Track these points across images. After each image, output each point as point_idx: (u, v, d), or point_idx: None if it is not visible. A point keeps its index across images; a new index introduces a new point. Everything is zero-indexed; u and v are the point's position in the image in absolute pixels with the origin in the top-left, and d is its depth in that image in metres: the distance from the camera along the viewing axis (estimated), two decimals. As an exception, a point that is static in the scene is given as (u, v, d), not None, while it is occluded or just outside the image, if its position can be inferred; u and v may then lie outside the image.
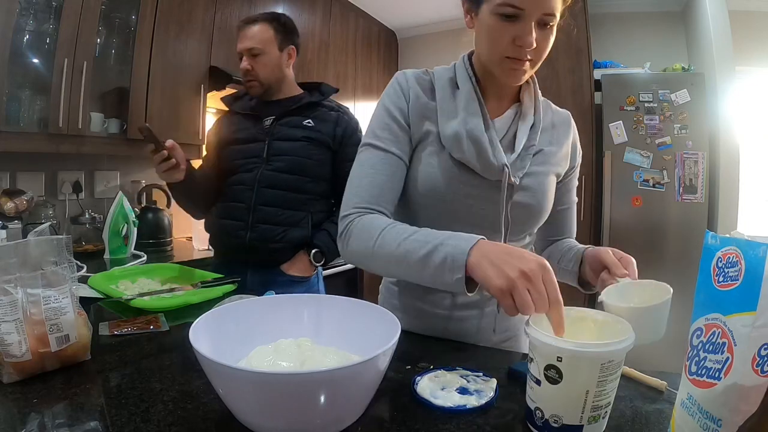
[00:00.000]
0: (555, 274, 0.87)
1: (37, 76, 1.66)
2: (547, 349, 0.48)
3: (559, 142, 0.86)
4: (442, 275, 0.63)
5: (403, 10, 3.38)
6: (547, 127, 0.85)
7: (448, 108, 0.79)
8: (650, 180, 2.56)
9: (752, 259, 0.38)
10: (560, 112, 0.90)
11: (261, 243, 1.35)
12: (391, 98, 0.81)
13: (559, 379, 0.48)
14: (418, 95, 0.81)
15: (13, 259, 0.62)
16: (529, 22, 0.68)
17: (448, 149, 0.78)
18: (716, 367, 0.40)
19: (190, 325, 0.53)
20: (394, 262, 0.69)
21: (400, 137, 0.80)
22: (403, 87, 0.81)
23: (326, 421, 0.49)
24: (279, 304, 0.68)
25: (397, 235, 0.69)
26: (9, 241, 1.38)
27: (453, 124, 0.77)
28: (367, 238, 0.72)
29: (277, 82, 1.42)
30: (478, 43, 0.79)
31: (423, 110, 0.80)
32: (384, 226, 0.72)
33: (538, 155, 0.82)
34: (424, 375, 0.63)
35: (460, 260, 0.61)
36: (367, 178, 0.78)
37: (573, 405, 0.48)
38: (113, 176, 2.18)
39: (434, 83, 0.82)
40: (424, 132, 0.80)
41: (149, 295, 0.97)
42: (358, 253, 0.75)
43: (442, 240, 0.65)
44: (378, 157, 0.79)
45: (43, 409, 0.55)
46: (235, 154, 1.41)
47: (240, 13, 2.30)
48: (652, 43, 2.98)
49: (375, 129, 0.81)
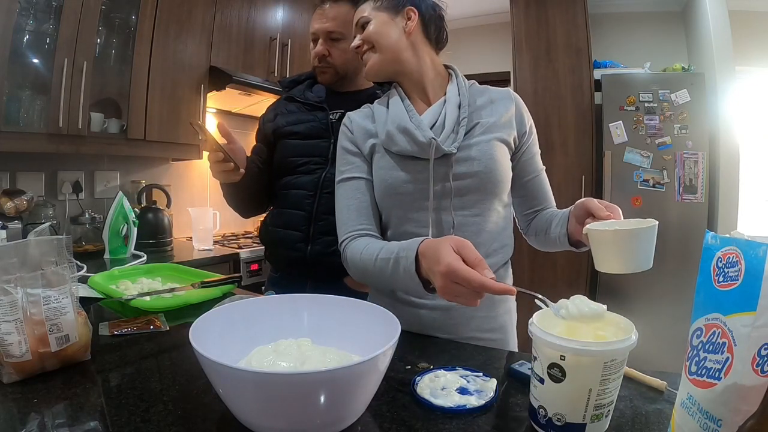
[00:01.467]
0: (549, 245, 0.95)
1: (37, 76, 1.66)
2: (551, 348, 0.49)
3: (498, 112, 0.90)
4: (408, 284, 0.74)
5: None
6: (484, 104, 0.91)
7: (380, 118, 0.92)
8: (650, 180, 2.56)
9: (752, 259, 0.38)
10: (500, 90, 0.95)
11: (324, 257, 1.14)
12: (341, 140, 0.96)
13: (563, 378, 0.48)
14: (359, 124, 0.94)
15: (13, 259, 0.62)
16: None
17: (386, 147, 0.89)
18: (716, 367, 0.40)
19: (190, 325, 0.53)
20: (376, 280, 0.83)
21: (357, 162, 0.93)
22: (347, 125, 0.96)
23: (326, 421, 0.49)
24: (279, 304, 0.68)
25: (370, 257, 0.81)
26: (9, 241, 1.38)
27: (386, 126, 0.89)
28: (355, 265, 0.86)
29: (355, 72, 1.20)
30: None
31: (365, 133, 0.93)
32: (361, 249, 0.84)
33: (477, 127, 0.88)
34: (424, 375, 0.63)
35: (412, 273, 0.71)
36: (344, 209, 0.91)
37: (576, 403, 0.49)
38: (113, 176, 2.18)
39: (373, 110, 0.95)
40: (370, 147, 0.92)
41: (149, 295, 0.96)
42: (357, 277, 0.89)
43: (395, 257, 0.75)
44: (346, 187, 0.92)
45: (43, 409, 0.55)
46: (291, 151, 1.20)
47: (240, 13, 2.30)
48: (652, 43, 2.97)
49: (338, 168, 0.95)
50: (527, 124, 0.93)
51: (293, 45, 2.58)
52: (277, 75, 2.50)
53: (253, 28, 2.37)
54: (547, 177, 0.97)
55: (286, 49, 2.54)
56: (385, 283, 0.81)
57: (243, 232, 2.70)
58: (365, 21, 0.90)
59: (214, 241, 2.20)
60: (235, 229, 2.73)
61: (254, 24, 2.38)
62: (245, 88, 2.21)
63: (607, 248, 0.68)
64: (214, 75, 2.17)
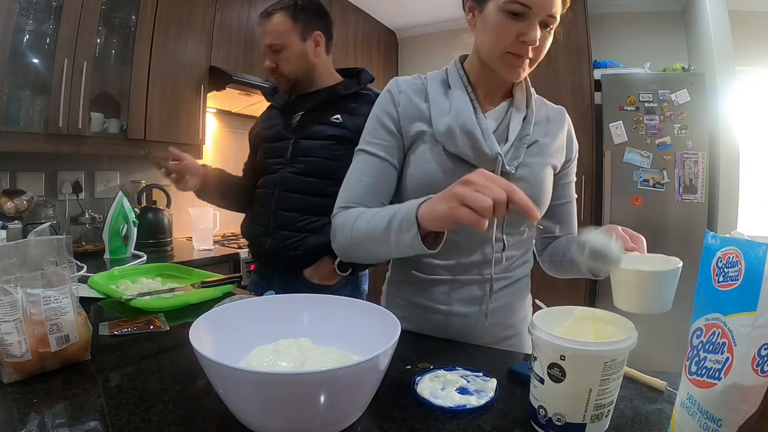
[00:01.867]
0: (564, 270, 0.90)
1: (37, 76, 1.66)
2: (551, 348, 0.49)
3: (554, 134, 0.87)
4: (402, 237, 0.67)
5: (403, 10, 3.37)
6: (541, 120, 0.86)
7: (440, 106, 0.82)
8: (650, 180, 2.56)
9: (752, 259, 0.38)
10: (555, 107, 0.92)
11: (280, 250, 1.25)
12: (382, 106, 0.86)
13: (563, 378, 0.48)
14: (410, 99, 0.84)
15: (13, 259, 0.62)
16: (535, 21, 0.73)
17: (442, 143, 0.81)
18: (716, 367, 0.40)
19: (190, 325, 0.53)
20: (368, 240, 0.74)
21: (389, 142, 0.83)
22: (393, 94, 0.85)
23: (326, 421, 0.49)
24: (279, 304, 0.68)
25: (367, 217, 0.75)
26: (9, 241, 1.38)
27: (445, 119, 0.80)
28: (346, 228, 0.78)
29: (306, 74, 1.27)
30: (480, 39, 0.80)
31: (414, 113, 0.83)
32: (357, 213, 0.77)
33: (533, 146, 0.83)
34: (424, 375, 0.63)
35: (410, 217, 0.66)
36: (353, 180, 0.83)
37: (576, 403, 0.49)
38: (113, 176, 2.18)
39: (426, 86, 0.85)
40: (417, 132, 0.83)
41: (149, 295, 0.96)
42: (342, 245, 0.80)
43: (398, 208, 0.70)
44: (366, 161, 0.83)
45: (43, 409, 0.55)
46: (264, 153, 1.33)
47: (240, 13, 2.30)
48: (652, 43, 2.97)
49: (366, 136, 0.86)
50: (574, 151, 0.92)
51: (293, 45, 2.58)
52: (277, 75, 2.50)
53: (253, 28, 2.37)
54: (576, 206, 0.96)
55: (286, 49, 2.54)
56: (373, 244, 0.74)
57: (243, 232, 2.70)
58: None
59: (214, 241, 2.20)
60: (235, 229, 2.72)
61: (254, 24, 2.38)
62: (245, 88, 2.21)
63: (629, 288, 0.65)
64: (214, 75, 2.17)
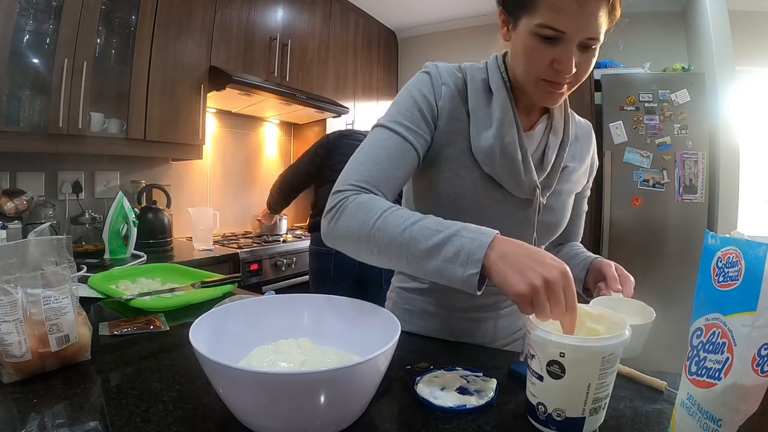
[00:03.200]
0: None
1: (37, 76, 1.66)
2: (550, 346, 0.49)
3: (581, 157, 0.85)
4: (453, 269, 0.57)
5: (403, 10, 3.37)
6: (572, 141, 0.82)
7: (482, 116, 0.73)
8: (650, 180, 2.56)
9: (752, 259, 0.38)
10: (582, 124, 0.88)
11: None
12: (420, 88, 0.74)
13: (562, 374, 0.49)
14: (452, 95, 0.74)
15: (13, 259, 0.62)
16: (571, 46, 0.62)
17: (480, 162, 0.73)
18: (716, 367, 0.40)
19: (190, 325, 0.53)
20: (394, 248, 0.61)
21: (422, 129, 0.72)
22: (434, 81, 0.74)
23: (326, 421, 0.49)
24: (279, 304, 0.68)
25: (403, 220, 0.62)
26: (9, 241, 1.38)
27: (487, 135, 0.72)
28: (365, 218, 0.63)
29: None
30: (514, 59, 0.73)
31: (455, 112, 0.74)
32: (387, 207, 0.64)
33: (564, 172, 0.81)
34: (424, 375, 0.63)
35: (477, 255, 0.55)
36: (374, 159, 0.70)
37: (576, 398, 0.49)
38: (113, 176, 2.18)
39: (467, 83, 0.76)
40: (453, 138, 0.74)
41: (149, 295, 0.96)
42: (348, 233, 0.65)
43: (456, 230, 0.58)
44: (393, 140, 0.71)
45: (43, 409, 0.55)
46: None
47: (240, 13, 2.30)
48: (652, 43, 2.97)
49: (396, 113, 0.73)
50: (594, 169, 0.91)
51: (293, 45, 2.59)
52: (277, 75, 2.50)
53: (253, 28, 2.37)
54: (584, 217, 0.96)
55: (286, 49, 2.54)
56: (399, 255, 0.61)
57: (243, 232, 2.70)
58: None
59: (214, 241, 2.20)
60: (235, 229, 2.73)
61: (254, 24, 2.38)
62: (245, 88, 2.21)
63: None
64: (214, 75, 2.17)
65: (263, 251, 2.17)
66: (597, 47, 0.65)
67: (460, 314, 0.84)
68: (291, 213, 3.09)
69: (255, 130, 2.89)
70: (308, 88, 2.72)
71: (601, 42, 0.64)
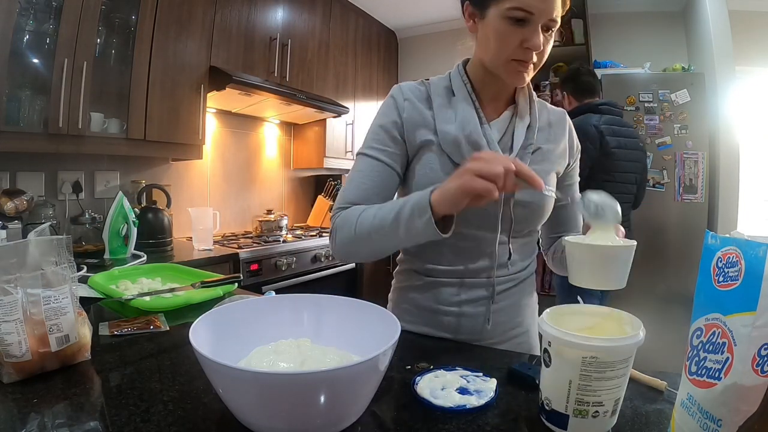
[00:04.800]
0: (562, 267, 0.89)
1: (37, 76, 1.66)
2: (544, 334, 0.52)
3: (556, 139, 0.87)
4: (414, 224, 0.69)
5: (403, 10, 3.37)
6: (543, 126, 0.86)
7: (445, 114, 0.82)
8: (650, 180, 2.56)
9: (752, 259, 0.38)
10: (556, 110, 0.92)
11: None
12: (385, 112, 0.85)
13: (549, 363, 0.51)
14: (415, 106, 0.83)
15: (13, 259, 0.62)
16: (537, 26, 0.72)
17: (448, 153, 0.80)
18: (716, 367, 0.40)
19: (190, 325, 0.53)
20: (375, 233, 0.74)
21: (392, 148, 0.83)
22: (397, 101, 0.85)
23: (326, 421, 0.49)
24: (279, 304, 0.68)
25: (372, 211, 0.75)
26: (9, 241, 1.38)
27: (451, 129, 0.80)
28: (349, 225, 0.78)
29: None
30: (483, 47, 0.80)
31: (419, 121, 0.83)
32: (360, 210, 0.77)
33: (537, 153, 0.84)
34: (424, 375, 0.63)
35: (422, 203, 0.67)
36: (354, 182, 0.83)
37: (558, 392, 0.51)
38: (113, 176, 2.18)
39: (430, 92, 0.85)
40: (423, 141, 0.82)
41: (149, 295, 0.96)
42: (344, 242, 0.79)
43: (405, 200, 0.72)
44: (367, 163, 0.83)
45: (43, 409, 0.55)
46: None
47: (240, 13, 2.30)
48: (652, 43, 2.98)
49: (368, 140, 0.85)
50: (575, 153, 0.92)
51: (293, 45, 2.58)
52: (277, 75, 2.50)
53: (253, 28, 2.37)
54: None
55: (286, 49, 2.54)
56: (380, 237, 0.74)
57: (243, 232, 2.70)
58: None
59: (214, 241, 2.20)
60: (235, 229, 2.73)
61: (254, 24, 2.38)
62: (245, 88, 2.21)
63: (581, 262, 0.69)
64: (214, 75, 2.17)
65: (263, 251, 2.17)
66: (554, 30, 0.76)
67: (457, 308, 0.85)
68: (291, 213, 3.09)
69: (255, 130, 2.89)
70: (308, 88, 2.72)
71: (557, 25, 0.75)
